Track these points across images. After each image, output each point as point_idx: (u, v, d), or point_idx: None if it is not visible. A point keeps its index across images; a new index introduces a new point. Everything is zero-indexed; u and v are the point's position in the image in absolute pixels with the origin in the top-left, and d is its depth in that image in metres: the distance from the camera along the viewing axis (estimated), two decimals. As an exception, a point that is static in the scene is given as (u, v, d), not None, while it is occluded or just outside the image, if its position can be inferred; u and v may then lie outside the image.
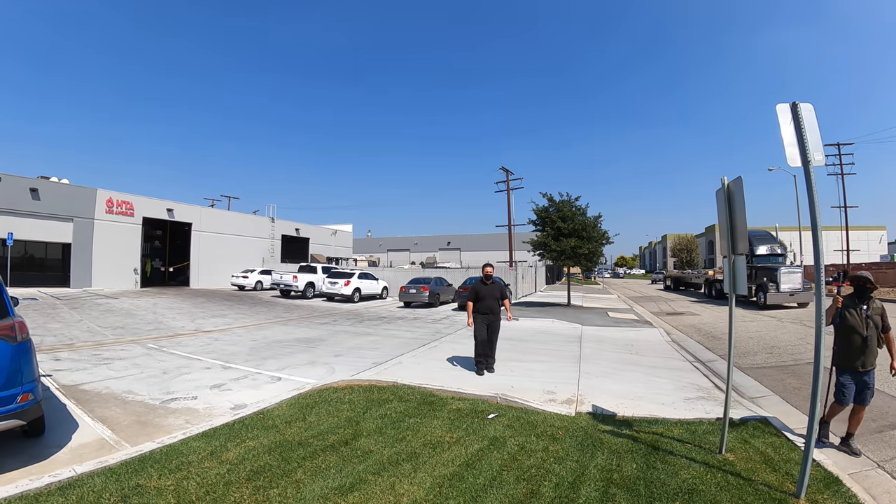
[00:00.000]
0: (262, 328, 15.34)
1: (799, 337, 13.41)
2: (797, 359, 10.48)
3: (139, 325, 15.02)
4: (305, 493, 3.93)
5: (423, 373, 8.74)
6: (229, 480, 4.13)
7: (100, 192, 31.79)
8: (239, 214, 45.82)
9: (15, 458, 4.68)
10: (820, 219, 3.99)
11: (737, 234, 4.89)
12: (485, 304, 9.05)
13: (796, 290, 21.38)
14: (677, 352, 11.78)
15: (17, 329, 4.85)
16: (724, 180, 5.07)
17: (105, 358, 9.75)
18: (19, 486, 3.96)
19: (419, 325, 16.75)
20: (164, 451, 4.79)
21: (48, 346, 10.81)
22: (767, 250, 24.67)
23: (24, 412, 4.63)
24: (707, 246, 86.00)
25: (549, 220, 22.77)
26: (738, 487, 4.15)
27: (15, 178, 27.82)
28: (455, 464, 4.57)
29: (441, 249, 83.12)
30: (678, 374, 9.18)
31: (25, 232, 27.79)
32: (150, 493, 3.88)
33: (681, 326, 16.91)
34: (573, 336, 14.01)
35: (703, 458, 4.80)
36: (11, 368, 4.60)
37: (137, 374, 8.42)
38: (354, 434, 5.36)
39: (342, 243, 58.23)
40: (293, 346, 11.80)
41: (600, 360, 10.36)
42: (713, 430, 5.63)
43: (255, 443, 5.04)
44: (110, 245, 31.73)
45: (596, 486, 4.17)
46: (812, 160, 4.04)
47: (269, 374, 8.68)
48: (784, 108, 4.22)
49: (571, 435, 5.46)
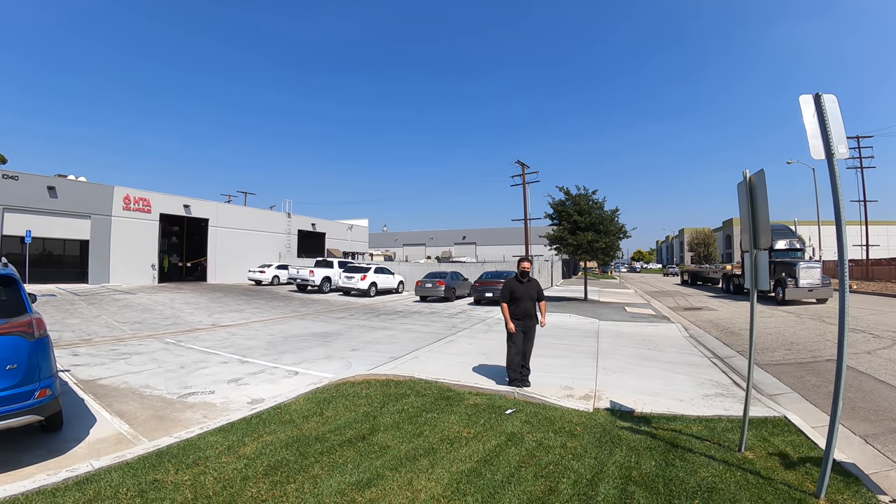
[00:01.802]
0: (278, 323, 15.42)
1: (818, 333, 13.22)
2: (816, 356, 10.33)
3: (157, 320, 15.16)
4: (323, 487, 3.93)
5: (440, 367, 8.73)
6: (246, 475, 4.14)
7: (117, 189, 32.20)
8: (255, 210, 46.19)
9: (32, 453, 4.74)
10: (844, 213, 3.89)
11: (759, 228, 4.79)
12: (521, 306, 7.57)
13: (815, 285, 21.11)
14: (695, 347, 11.65)
15: (35, 325, 4.90)
16: (746, 173, 4.97)
17: (123, 353, 9.85)
18: (36, 481, 3.99)
19: (435, 320, 16.74)
20: (182, 446, 4.82)
21: (66, 341, 10.94)
22: (786, 245, 24.36)
23: (41, 407, 4.67)
24: (724, 240, 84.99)
25: (565, 213, 22.58)
26: (758, 486, 4.08)
27: (33, 177, 28.27)
28: (472, 459, 4.55)
29: (456, 244, 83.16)
30: (696, 370, 9.07)
31: (43, 229, 28.28)
32: (168, 488, 3.90)
33: (699, 322, 16.74)
34: (590, 331, 13.92)
35: (723, 455, 4.74)
36: (29, 364, 4.65)
37: (155, 369, 8.49)
38: (372, 429, 5.36)
39: (358, 238, 58.54)
40: (310, 341, 11.84)
41: (618, 355, 10.28)
42: (732, 428, 5.56)
43: (273, 437, 5.05)
44: (128, 241, 32.17)
45: (614, 483, 4.12)
46: (836, 153, 3.94)
47: (287, 369, 8.71)
48: (807, 100, 4.13)
49: (589, 431, 5.41)
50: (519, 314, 7.56)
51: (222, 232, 39.43)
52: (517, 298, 7.57)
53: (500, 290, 7.93)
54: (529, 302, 7.63)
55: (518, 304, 7.56)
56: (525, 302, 7.58)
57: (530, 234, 42.71)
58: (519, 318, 7.56)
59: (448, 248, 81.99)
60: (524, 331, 7.56)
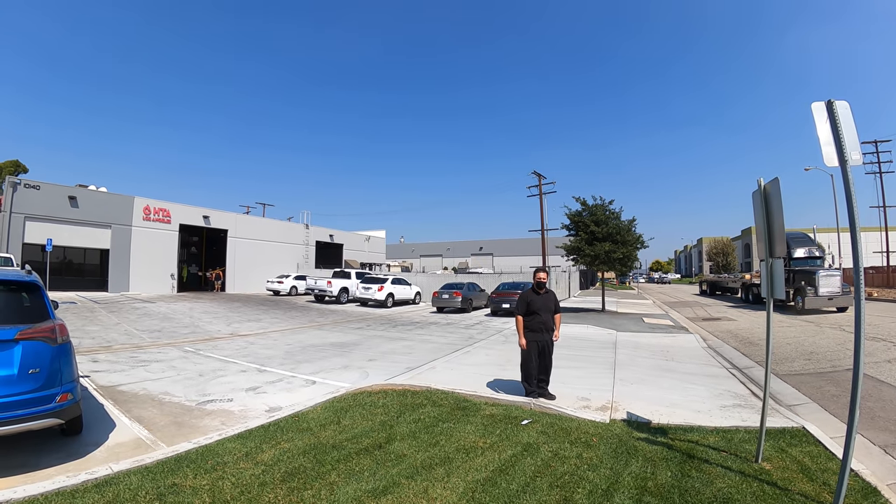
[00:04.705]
0: (296, 332, 15.56)
1: (838, 343, 13.03)
2: (836, 365, 10.18)
3: (176, 329, 15.36)
4: (339, 495, 3.97)
5: (457, 378, 8.75)
6: (264, 481, 4.18)
7: (137, 199, 32.72)
8: (274, 221, 46.66)
9: (53, 456, 4.85)
10: (858, 220, 3.86)
11: (774, 236, 4.78)
12: (538, 319, 7.33)
13: (835, 293, 20.77)
14: (714, 358, 11.55)
15: (58, 331, 5.02)
16: (761, 181, 4.96)
17: (142, 360, 10.00)
18: (56, 483, 4.05)
19: (452, 331, 16.77)
20: (200, 452, 4.88)
21: (86, 347, 11.14)
22: (805, 253, 24.01)
23: (62, 411, 4.79)
24: (743, 249, 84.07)
25: (582, 224, 22.52)
26: (775, 497, 4.04)
27: (54, 187, 28.85)
28: (488, 469, 4.56)
29: (473, 255, 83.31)
30: (714, 381, 9.00)
31: (65, 238, 28.76)
32: (186, 492, 3.96)
33: (717, 332, 16.57)
34: (608, 342, 13.86)
35: (739, 466, 4.69)
36: (52, 369, 4.77)
37: (174, 376, 8.61)
38: (388, 438, 5.39)
39: (375, 249, 58.80)
40: (327, 351, 11.93)
41: (635, 366, 10.23)
42: (749, 439, 5.51)
43: (290, 445, 5.10)
44: (148, 251, 32.62)
45: (630, 493, 4.11)
46: (849, 160, 3.92)
47: (304, 378, 8.79)
48: (819, 107, 4.12)
49: (605, 442, 5.39)
50: (535, 327, 7.35)
51: (241, 242, 39.82)
52: (534, 311, 7.35)
53: (516, 303, 7.72)
54: (547, 314, 7.39)
55: (535, 317, 7.35)
56: (542, 314, 7.35)
57: (547, 244, 42.68)
58: (535, 330, 7.35)
59: (465, 258, 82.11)
60: (541, 345, 7.35)
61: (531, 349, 7.31)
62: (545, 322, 7.37)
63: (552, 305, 7.52)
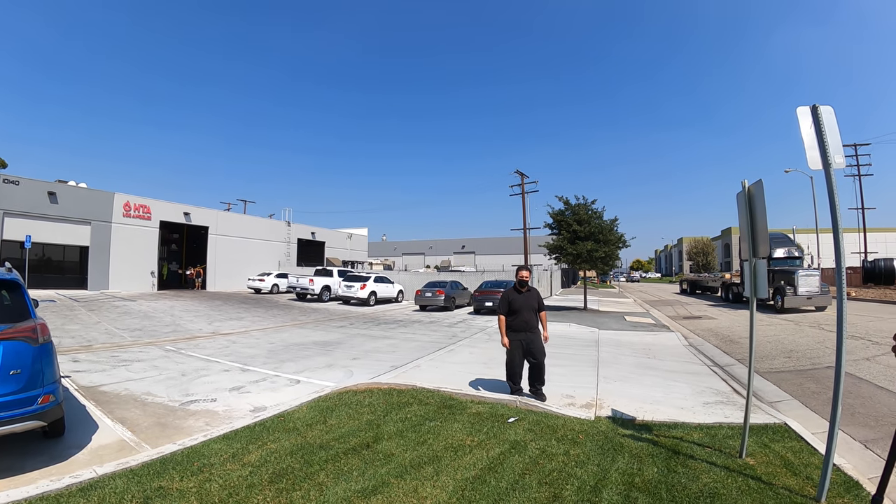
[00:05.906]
0: (279, 331, 15.45)
1: (817, 341, 13.25)
2: (815, 363, 10.36)
3: (157, 328, 15.18)
4: (328, 495, 3.95)
5: (442, 376, 8.76)
6: (252, 483, 4.16)
7: (117, 195, 32.19)
8: (255, 218, 46.24)
9: (35, 459, 4.76)
10: (841, 222, 3.95)
11: (758, 237, 4.85)
12: (520, 318, 7.25)
13: (814, 293, 21.12)
14: (695, 356, 11.69)
15: (39, 331, 4.91)
16: (745, 183, 5.04)
17: (123, 360, 9.87)
18: (40, 487, 3.98)
19: (435, 329, 16.78)
20: (186, 453, 4.83)
21: (67, 347, 10.97)
22: (785, 253, 24.42)
23: (44, 413, 4.68)
24: (723, 249, 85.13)
25: (564, 223, 22.70)
26: (759, 491, 4.12)
27: (34, 182, 28.26)
28: (477, 467, 4.58)
29: (456, 253, 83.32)
30: (697, 378, 9.11)
31: (44, 235, 28.22)
32: (173, 495, 3.92)
33: (698, 330, 16.77)
34: (590, 340, 13.97)
35: (724, 462, 4.77)
36: (33, 370, 4.66)
37: (156, 376, 8.51)
38: (375, 437, 5.38)
39: (357, 247, 58.59)
40: (311, 349, 11.87)
41: (618, 364, 10.32)
42: (733, 435, 5.59)
43: (277, 445, 5.07)
44: (127, 248, 32.13)
45: (618, 489, 4.15)
46: (833, 163, 4.00)
47: (288, 377, 8.74)
48: (804, 111, 4.19)
49: (592, 439, 5.44)
50: (518, 326, 7.26)
51: (222, 240, 39.38)
52: (516, 310, 7.27)
53: (499, 301, 7.62)
54: (529, 312, 7.32)
55: (517, 316, 7.26)
56: (525, 313, 7.27)
57: (530, 243, 42.77)
58: (518, 330, 7.27)
59: (447, 257, 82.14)
60: (526, 344, 7.25)
61: (515, 348, 7.25)
62: (528, 321, 7.29)
63: (535, 304, 7.44)
